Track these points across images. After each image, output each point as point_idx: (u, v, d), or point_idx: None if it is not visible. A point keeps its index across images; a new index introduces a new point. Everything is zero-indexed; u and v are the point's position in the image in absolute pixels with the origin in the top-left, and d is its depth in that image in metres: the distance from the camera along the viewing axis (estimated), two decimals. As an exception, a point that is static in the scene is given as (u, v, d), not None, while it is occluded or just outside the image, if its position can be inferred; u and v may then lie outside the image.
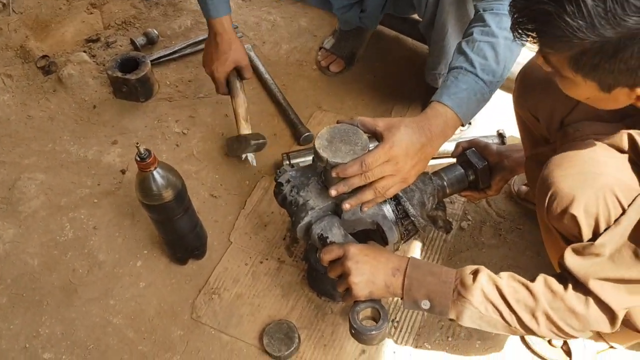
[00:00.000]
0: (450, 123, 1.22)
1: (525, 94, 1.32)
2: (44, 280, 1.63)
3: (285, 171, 1.35)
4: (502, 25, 1.27)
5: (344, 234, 1.26)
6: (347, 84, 2.07)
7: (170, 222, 1.47)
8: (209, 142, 1.93)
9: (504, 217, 1.67)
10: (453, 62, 1.28)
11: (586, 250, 0.99)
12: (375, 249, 1.20)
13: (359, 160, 1.15)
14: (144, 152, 1.30)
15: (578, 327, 1.04)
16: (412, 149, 1.17)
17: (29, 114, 2.06)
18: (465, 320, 1.11)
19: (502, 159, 1.43)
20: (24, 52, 2.24)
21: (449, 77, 1.26)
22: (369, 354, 1.44)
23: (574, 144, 1.05)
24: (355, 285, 1.16)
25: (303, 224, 1.27)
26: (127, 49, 2.25)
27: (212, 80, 1.77)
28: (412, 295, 1.14)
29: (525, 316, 1.05)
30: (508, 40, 1.26)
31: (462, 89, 1.23)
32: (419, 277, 1.13)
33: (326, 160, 1.19)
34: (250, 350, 1.47)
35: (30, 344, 1.51)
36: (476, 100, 1.26)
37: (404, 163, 1.17)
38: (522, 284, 1.07)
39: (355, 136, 1.21)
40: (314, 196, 1.28)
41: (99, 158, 1.92)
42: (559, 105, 1.21)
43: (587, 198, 0.96)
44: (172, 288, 1.59)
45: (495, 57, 1.26)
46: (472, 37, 1.28)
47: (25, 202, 1.81)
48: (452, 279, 1.12)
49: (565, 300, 1.03)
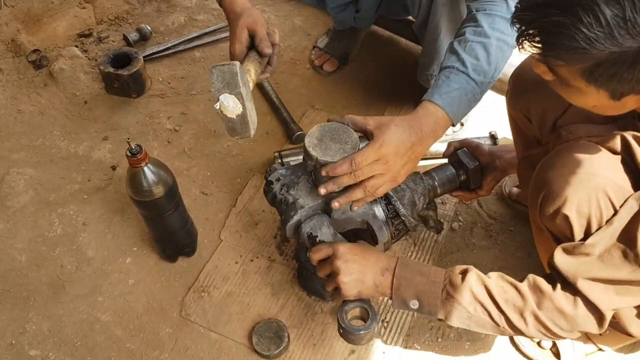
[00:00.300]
0: (441, 122, 1.22)
1: (517, 95, 1.32)
2: (32, 276, 1.61)
3: (276, 169, 1.34)
4: (494, 26, 1.27)
5: (333, 233, 1.25)
6: (340, 84, 2.07)
7: (160, 218, 1.46)
8: (201, 139, 1.92)
9: (495, 218, 1.67)
10: (445, 62, 1.28)
11: (576, 249, 0.99)
12: (364, 249, 1.20)
13: (348, 159, 1.14)
14: (135, 148, 1.29)
15: (566, 327, 1.05)
16: (403, 147, 1.17)
17: (19, 108, 2.04)
18: (454, 321, 1.11)
19: (493, 159, 1.43)
20: (15, 45, 2.22)
21: (441, 76, 1.26)
22: (358, 354, 1.44)
23: (567, 145, 1.05)
24: (344, 284, 1.16)
25: (292, 222, 1.27)
26: (119, 44, 2.23)
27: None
28: (400, 295, 1.14)
29: (514, 316, 1.06)
30: (500, 41, 1.26)
31: (453, 89, 1.23)
32: (407, 276, 1.13)
33: (316, 158, 1.18)
34: (240, 349, 1.46)
35: (17, 341, 1.50)
36: (467, 100, 1.25)
37: (394, 162, 1.17)
38: (510, 284, 1.07)
39: (345, 135, 1.21)
40: (303, 195, 1.27)
41: (89, 154, 1.90)
42: (551, 106, 1.21)
43: (580, 198, 0.97)
44: (162, 285, 1.58)
45: (487, 58, 1.26)
46: (465, 37, 1.28)
47: (14, 196, 1.79)
48: (441, 278, 1.12)
49: (553, 301, 1.03)
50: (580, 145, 1.03)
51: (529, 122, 1.31)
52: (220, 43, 2.22)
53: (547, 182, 1.01)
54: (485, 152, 1.43)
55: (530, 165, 1.09)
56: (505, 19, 1.27)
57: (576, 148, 1.02)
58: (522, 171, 1.30)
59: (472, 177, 1.42)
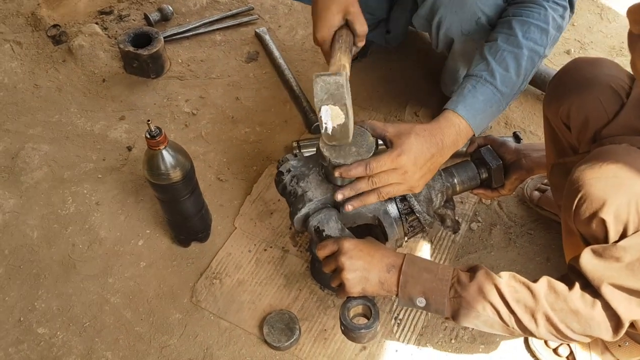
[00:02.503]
0: (463, 134, 1.20)
1: (558, 98, 1.26)
2: (43, 254, 1.60)
3: (288, 160, 1.32)
4: (528, 36, 1.24)
5: (340, 228, 1.23)
6: (361, 76, 2.03)
7: (176, 203, 1.44)
8: (218, 124, 1.89)
9: (514, 220, 1.64)
10: (473, 68, 1.25)
11: (607, 251, 0.96)
12: (371, 245, 1.17)
13: (363, 162, 1.13)
14: (154, 130, 1.27)
15: (578, 329, 1.02)
16: (422, 158, 1.15)
17: (36, 82, 2.02)
18: (462, 320, 1.09)
19: (519, 157, 1.39)
20: (34, 19, 2.20)
21: (467, 84, 1.23)
22: (369, 350, 1.41)
23: (608, 148, 1.01)
24: (348, 280, 1.14)
25: (300, 215, 1.24)
26: (140, 23, 2.20)
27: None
28: (407, 292, 1.11)
29: (525, 317, 1.03)
30: (532, 52, 1.24)
31: (479, 100, 1.20)
32: (414, 273, 1.11)
33: (329, 159, 1.16)
34: (249, 338, 1.44)
35: (25, 318, 1.48)
36: (491, 112, 1.23)
37: (412, 173, 1.15)
38: (523, 284, 1.04)
39: (361, 138, 1.19)
40: (313, 187, 1.25)
41: (105, 133, 1.88)
42: (595, 115, 1.16)
43: (619, 203, 0.93)
44: (173, 270, 1.56)
45: (516, 69, 1.23)
46: (497, 43, 1.24)
47: (28, 172, 1.77)
48: (449, 276, 1.09)
49: (568, 302, 1.00)
50: (623, 149, 0.99)
51: (567, 128, 1.27)
52: (241, 27, 2.19)
53: (585, 184, 0.97)
54: (511, 149, 1.40)
55: (566, 172, 1.05)
56: (540, 27, 1.24)
57: (618, 151, 0.98)
58: (555, 178, 1.26)
59: (494, 177, 1.38)
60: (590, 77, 1.20)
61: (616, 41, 2.13)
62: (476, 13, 1.36)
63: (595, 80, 1.19)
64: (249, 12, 2.24)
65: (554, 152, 1.36)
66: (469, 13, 1.37)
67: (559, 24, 1.27)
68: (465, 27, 1.40)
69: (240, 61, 2.09)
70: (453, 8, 1.39)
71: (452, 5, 1.38)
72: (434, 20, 1.45)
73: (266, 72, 2.05)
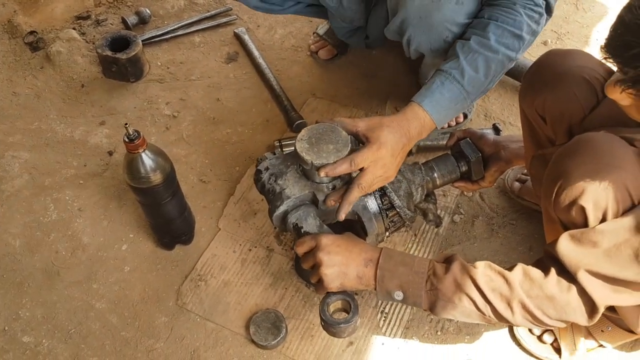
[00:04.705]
0: (427, 127, 1.25)
1: (533, 91, 1.28)
2: (26, 262, 1.59)
3: (266, 158, 1.32)
4: (501, 41, 1.26)
5: (319, 225, 1.23)
6: (342, 72, 2.04)
7: (157, 206, 1.44)
8: (200, 125, 1.89)
9: (496, 212, 1.65)
10: (444, 63, 1.28)
11: (584, 236, 0.97)
12: (349, 240, 1.18)
13: (348, 158, 1.16)
14: (132, 133, 1.27)
15: (554, 315, 1.03)
16: (397, 148, 1.20)
17: (14, 90, 2.01)
18: (439, 311, 1.10)
19: (498, 149, 1.40)
20: (11, 27, 2.18)
21: (436, 79, 1.26)
22: (356, 345, 1.42)
23: (587, 135, 1.02)
24: (326, 276, 1.14)
25: (279, 212, 1.25)
26: (118, 27, 2.19)
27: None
28: (384, 286, 1.12)
29: (500, 305, 1.04)
30: (504, 56, 1.26)
31: (445, 97, 1.25)
32: (391, 267, 1.12)
33: (311, 162, 1.17)
34: (236, 338, 1.44)
35: (10, 327, 1.47)
36: (455, 109, 1.28)
37: (390, 163, 1.19)
38: (498, 273, 1.05)
39: (334, 134, 1.20)
40: (291, 184, 1.25)
41: (85, 138, 1.87)
42: (570, 108, 1.18)
43: (599, 191, 0.94)
44: (158, 273, 1.56)
45: (485, 72, 1.26)
46: (469, 43, 1.27)
47: (8, 180, 1.76)
48: (424, 269, 1.10)
49: (544, 288, 1.01)
50: (601, 137, 1.00)
51: (543, 120, 1.28)
52: (220, 28, 2.18)
53: (564, 171, 0.98)
54: (490, 142, 1.41)
55: (545, 164, 1.06)
56: (514, 34, 1.26)
57: (596, 139, 0.99)
58: (534, 170, 1.27)
59: (474, 169, 1.39)
60: (564, 70, 1.21)
61: (592, 31, 2.15)
62: (443, 33, 1.38)
63: (569, 72, 1.20)
64: (227, 13, 2.23)
65: (532, 144, 1.37)
66: (436, 34, 1.39)
67: (533, 30, 1.29)
68: (435, 46, 1.43)
69: (220, 62, 2.09)
70: (421, 28, 1.41)
71: (420, 26, 1.40)
72: (404, 37, 1.48)
73: (246, 72, 2.04)
